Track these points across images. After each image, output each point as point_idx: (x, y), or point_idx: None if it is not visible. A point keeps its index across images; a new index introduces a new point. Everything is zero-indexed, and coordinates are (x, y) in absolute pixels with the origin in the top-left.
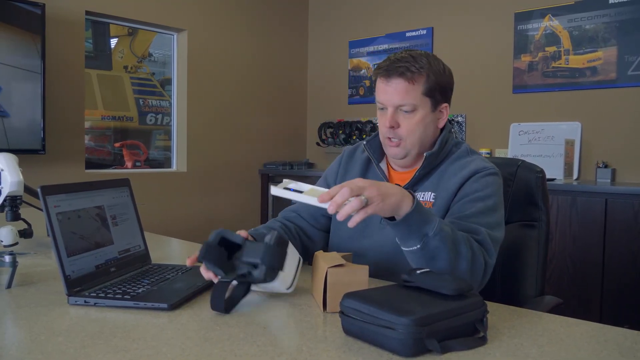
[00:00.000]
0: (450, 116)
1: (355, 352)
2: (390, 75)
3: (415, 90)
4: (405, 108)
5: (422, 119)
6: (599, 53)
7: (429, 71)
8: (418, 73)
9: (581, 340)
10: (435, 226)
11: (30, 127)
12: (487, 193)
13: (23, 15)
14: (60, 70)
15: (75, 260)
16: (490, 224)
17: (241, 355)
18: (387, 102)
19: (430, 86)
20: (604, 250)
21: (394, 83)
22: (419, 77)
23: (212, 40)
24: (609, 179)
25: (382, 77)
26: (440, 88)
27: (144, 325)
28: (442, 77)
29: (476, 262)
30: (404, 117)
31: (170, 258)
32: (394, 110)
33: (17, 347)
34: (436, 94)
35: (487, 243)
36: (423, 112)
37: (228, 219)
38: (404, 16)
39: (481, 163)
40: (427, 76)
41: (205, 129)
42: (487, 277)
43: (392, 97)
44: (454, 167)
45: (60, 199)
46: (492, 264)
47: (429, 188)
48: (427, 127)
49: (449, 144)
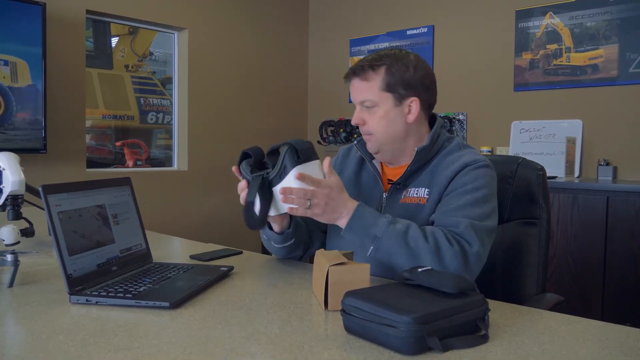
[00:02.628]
0: (451, 114)
1: (357, 351)
2: (350, 74)
3: (372, 87)
4: (366, 104)
5: (385, 114)
6: (600, 51)
7: (389, 68)
8: (373, 71)
9: (583, 338)
10: (381, 227)
11: (32, 126)
12: (476, 185)
13: (23, 14)
14: (61, 70)
15: (77, 259)
16: (477, 214)
17: (243, 354)
18: (354, 99)
19: (389, 82)
20: (605, 248)
21: (354, 82)
22: (375, 75)
23: (212, 39)
24: (610, 176)
25: (346, 76)
26: (404, 83)
27: (146, 323)
28: (405, 72)
29: (442, 251)
30: (367, 114)
31: (171, 257)
32: (360, 108)
33: (18, 345)
34: (398, 89)
35: (467, 233)
36: (385, 107)
37: (229, 218)
38: (405, 14)
39: (472, 156)
40: (386, 73)
41: (206, 127)
42: (472, 265)
43: (354, 96)
44: (446, 161)
45: (61, 198)
46: (475, 250)
47: (422, 184)
48: (392, 122)
49: (441, 139)
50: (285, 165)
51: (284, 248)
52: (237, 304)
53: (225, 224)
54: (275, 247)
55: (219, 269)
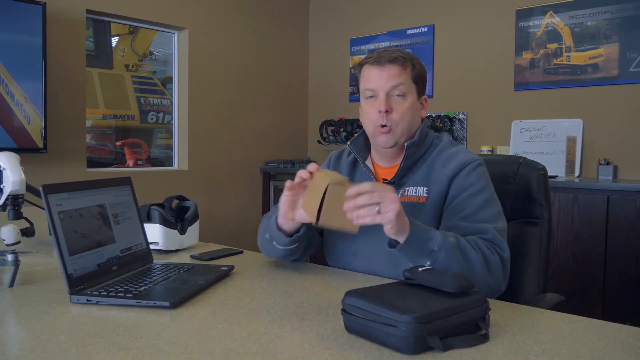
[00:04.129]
0: (451, 113)
1: (357, 350)
2: (382, 61)
3: (407, 75)
4: (398, 91)
5: (412, 105)
6: (600, 50)
7: (413, 61)
8: (407, 60)
9: (583, 337)
10: (438, 241)
11: (32, 126)
12: (481, 186)
13: (24, 13)
14: (61, 69)
15: (77, 258)
16: (493, 216)
17: (243, 354)
18: (380, 87)
19: (416, 74)
20: (606, 248)
21: (387, 68)
22: (408, 64)
23: (213, 39)
24: (610, 176)
25: (374, 64)
26: (423, 80)
27: (146, 323)
28: (422, 68)
29: (490, 261)
30: (395, 102)
31: (172, 256)
32: (386, 96)
33: (19, 345)
34: (420, 83)
35: (497, 238)
36: (412, 98)
37: (229, 218)
38: (405, 14)
39: (468, 154)
40: (413, 65)
41: (206, 127)
42: (508, 270)
43: (386, 82)
44: (442, 158)
45: (62, 197)
46: (508, 255)
47: (420, 182)
48: (414, 115)
49: (430, 136)
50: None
51: (285, 250)
52: (237, 303)
53: (225, 223)
54: (276, 248)
55: (220, 268)
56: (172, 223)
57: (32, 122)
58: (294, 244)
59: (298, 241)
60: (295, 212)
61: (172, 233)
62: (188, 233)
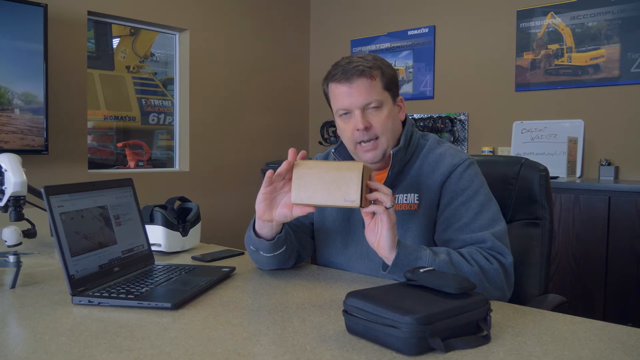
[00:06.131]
0: (452, 114)
1: (359, 351)
2: (350, 77)
3: (378, 85)
4: (373, 104)
5: (389, 113)
6: (601, 50)
7: (380, 66)
8: (373, 69)
9: (585, 338)
10: (427, 259)
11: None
12: (475, 188)
13: (25, 15)
14: (62, 71)
15: (79, 260)
16: (490, 220)
17: (245, 355)
18: (353, 104)
19: (387, 80)
20: (607, 248)
21: (356, 84)
22: (376, 73)
23: (214, 40)
24: (612, 176)
25: (342, 81)
26: (394, 82)
27: (148, 324)
28: (391, 70)
29: (487, 272)
30: (372, 115)
31: (173, 258)
32: (362, 112)
33: (21, 346)
34: (392, 87)
35: (496, 245)
36: (388, 106)
37: (230, 219)
38: (406, 15)
39: (455, 154)
40: (381, 72)
41: (207, 128)
42: (511, 276)
43: (358, 98)
44: (429, 161)
45: (63, 199)
46: (510, 261)
47: (410, 189)
48: (394, 122)
49: (415, 138)
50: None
51: (274, 257)
52: (239, 304)
53: (227, 224)
54: (265, 258)
55: (221, 269)
56: (175, 225)
57: (33, 123)
58: (279, 248)
59: (284, 244)
60: (273, 211)
61: (175, 235)
62: (190, 235)
